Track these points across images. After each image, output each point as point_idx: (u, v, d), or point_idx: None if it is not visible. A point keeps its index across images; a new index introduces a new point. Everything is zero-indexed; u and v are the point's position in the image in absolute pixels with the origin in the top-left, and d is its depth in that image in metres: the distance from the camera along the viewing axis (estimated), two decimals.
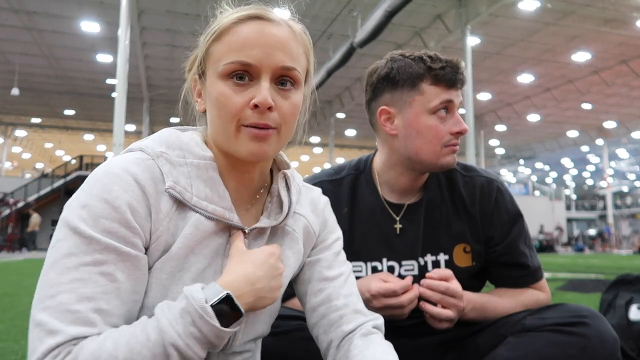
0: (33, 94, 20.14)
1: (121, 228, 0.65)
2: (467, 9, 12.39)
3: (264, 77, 0.70)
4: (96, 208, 0.64)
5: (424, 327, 1.16)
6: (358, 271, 1.19)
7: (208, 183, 0.73)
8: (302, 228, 0.85)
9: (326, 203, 0.93)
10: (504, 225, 1.20)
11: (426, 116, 1.12)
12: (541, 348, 0.97)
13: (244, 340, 0.77)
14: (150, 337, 0.59)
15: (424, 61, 1.12)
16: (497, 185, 1.22)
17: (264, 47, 0.70)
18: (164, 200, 0.70)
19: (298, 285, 0.89)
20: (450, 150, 1.14)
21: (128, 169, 0.68)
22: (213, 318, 0.61)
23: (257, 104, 0.69)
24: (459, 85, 1.13)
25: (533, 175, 41.69)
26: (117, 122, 9.51)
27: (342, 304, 0.83)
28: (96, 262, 0.62)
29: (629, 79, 17.73)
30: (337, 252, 0.90)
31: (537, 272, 1.21)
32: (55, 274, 0.62)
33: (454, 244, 1.19)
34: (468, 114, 11.96)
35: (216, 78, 0.72)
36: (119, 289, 0.63)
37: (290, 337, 1.01)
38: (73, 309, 0.60)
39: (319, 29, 13.54)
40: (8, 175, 30.42)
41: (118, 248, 0.64)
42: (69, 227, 0.64)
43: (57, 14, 13.14)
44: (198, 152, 0.74)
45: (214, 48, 0.73)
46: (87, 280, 0.61)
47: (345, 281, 0.86)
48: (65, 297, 0.60)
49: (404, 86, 1.13)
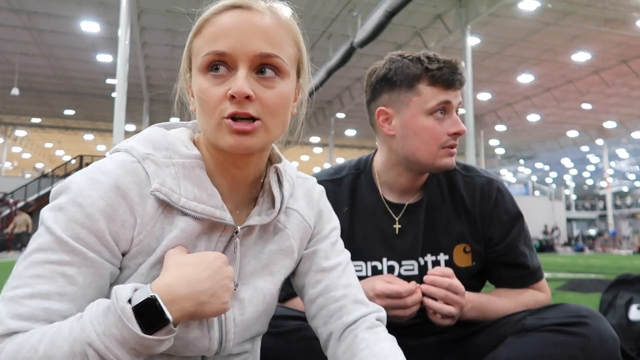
0: (33, 94, 20.13)
1: (90, 235, 0.64)
2: (467, 9, 12.38)
3: (240, 65, 0.67)
4: (70, 212, 0.64)
5: (424, 327, 1.16)
6: (358, 271, 1.19)
7: (196, 182, 0.71)
8: (296, 224, 0.83)
9: (321, 193, 0.90)
10: (504, 225, 1.20)
11: (423, 117, 1.12)
12: (541, 348, 0.97)
13: (238, 341, 0.76)
14: (72, 332, 0.57)
15: (422, 62, 1.12)
16: (497, 186, 1.22)
17: (239, 34, 0.67)
18: (149, 204, 0.68)
19: (296, 278, 0.87)
20: (447, 151, 1.14)
21: (111, 173, 0.67)
22: (131, 321, 0.57)
23: (232, 94, 0.66)
24: (457, 86, 1.13)
25: (533, 175, 41.66)
26: (117, 122, 9.51)
27: (341, 295, 0.81)
28: (60, 262, 0.62)
29: (629, 79, 17.72)
30: (333, 242, 0.88)
31: (537, 272, 1.21)
32: (22, 267, 0.63)
33: (454, 244, 1.19)
34: (468, 114, 11.95)
35: (197, 73, 0.70)
36: (76, 292, 0.63)
37: (290, 337, 1.01)
38: (24, 303, 0.60)
39: (319, 29, 13.53)
40: (8, 175, 30.39)
41: (84, 253, 0.63)
42: (44, 225, 0.65)
43: (57, 14, 13.13)
44: (184, 151, 0.72)
45: (195, 43, 0.72)
46: (48, 278, 0.61)
47: (343, 271, 0.85)
48: (21, 290, 0.61)
49: (402, 87, 1.13)
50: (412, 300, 1.05)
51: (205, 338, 0.71)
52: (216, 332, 0.72)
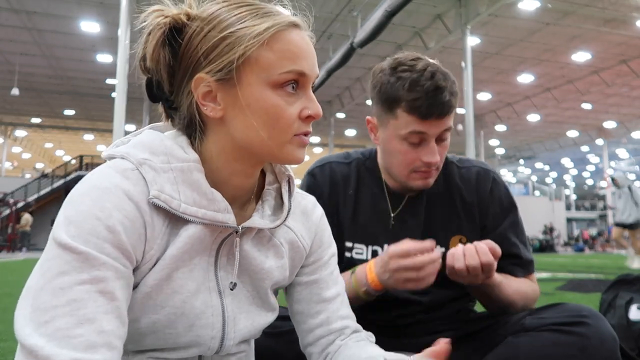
0: (33, 94, 20.13)
1: (114, 249, 0.60)
2: (467, 9, 12.39)
3: (309, 86, 0.72)
4: (87, 225, 0.59)
5: (424, 327, 1.16)
6: (359, 254, 1.20)
7: (194, 187, 0.68)
8: (288, 242, 0.81)
9: (321, 216, 0.88)
10: (497, 215, 1.20)
11: (397, 140, 1.12)
12: (541, 348, 0.97)
13: (237, 340, 0.76)
14: None
15: (404, 85, 1.08)
16: (492, 175, 1.23)
17: (312, 58, 0.72)
18: (156, 216, 0.66)
19: (293, 304, 0.87)
20: (420, 175, 1.14)
21: (119, 184, 0.63)
22: None
23: (313, 115, 0.70)
24: (434, 118, 1.08)
25: (533, 175, 41.66)
26: (117, 122, 9.51)
27: (340, 327, 0.84)
28: (94, 280, 0.57)
29: (629, 79, 17.72)
30: (332, 271, 0.88)
31: (529, 265, 1.21)
32: (49, 296, 0.55)
33: (451, 236, 1.20)
34: (468, 114, 11.96)
35: (264, 86, 0.68)
36: (119, 308, 0.59)
37: (285, 338, 1.01)
38: (73, 333, 0.54)
39: (319, 29, 13.54)
40: (8, 175, 30.40)
41: (114, 265, 0.60)
42: (58, 245, 0.58)
43: (57, 14, 13.13)
44: (182, 155, 0.69)
45: (262, 54, 0.68)
46: (87, 300, 0.56)
47: (342, 302, 0.86)
48: (62, 321, 0.54)
49: (384, 106, 1.13)
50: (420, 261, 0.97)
51: (208, 336, 0.72)
52: (219, 331, 0.72)
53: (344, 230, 1.22)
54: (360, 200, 1.23)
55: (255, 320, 0.78)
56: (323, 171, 1.26)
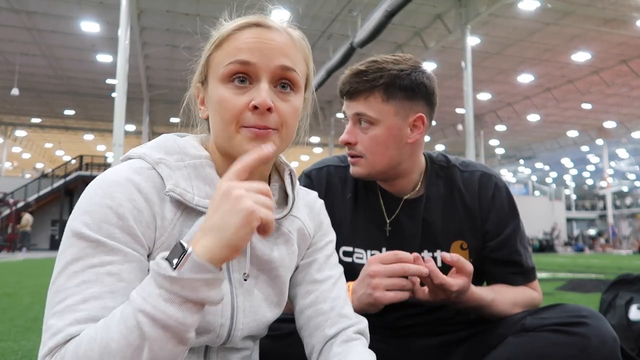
0: (33, 94, 20.15)
1: (124, 234, 0.65)
2: (467, 9, 12.40)
3: (263, 78, 0.72)
4: (98, 214, 0.65)
5: (424, 328, 1.16)
6: (359, 258, 1.20)
7: (207, 180, 0.74)
8: (297, 230, 0.85)
9: (322, 206, 0.94)
10: (499, 221, 1.19)
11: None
12: (541, 348, 0.97)
13: (245, 333, 0.76)
14: (123, 311, 0.57)
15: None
16: (495, 181, 1.22)
17: (262, 50, 0.72)
18: (168, 208, 0.70)
19: (290, 287, 0.88)
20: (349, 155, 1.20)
21: (130, 177, 0.69)
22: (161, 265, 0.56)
23: (256, 105, 0.69)
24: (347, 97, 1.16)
25: (533, 175, 41.70)
26: (117, 122, 9.52)
27: (329, 308, 0.83)
28: (103, 263, 0.63)
29: (629, 79, 17.74)
30: (328, 255, 0.90)
31: (531, 272, 1.20)
32: (63, 280, 0.62)
33: (451, 241, 1.19)
34: (468, 113, 11.97)
35: (217, 82, 0.73)
36: (126, 288, 0.63)
37: (288, 340, 1.01)
38: (79, 308, 0.60)
39: (319, 29, 13.54)
40: (8, 175, 30.43)
41: (123, 250, 0.65)
42: (73, 234, 0.65)
43: (57, 14, 13.15)
44: (194, 152, 0.76)
45: (214, 55, 0.75)
46: (95, 281, 0.62)
47: (334, 284, 0.86)
48: (72, 300, 0.61)
49: None
50: (411, 270, 0.98)
51: (217, 323, 0.73)
52: (228, 319, 0.74)
53: (340, 234, 1.21)
54: (358, 204, 1.23)
55: (266, 315, 0.80)
56: (320, 174, 1.26)
